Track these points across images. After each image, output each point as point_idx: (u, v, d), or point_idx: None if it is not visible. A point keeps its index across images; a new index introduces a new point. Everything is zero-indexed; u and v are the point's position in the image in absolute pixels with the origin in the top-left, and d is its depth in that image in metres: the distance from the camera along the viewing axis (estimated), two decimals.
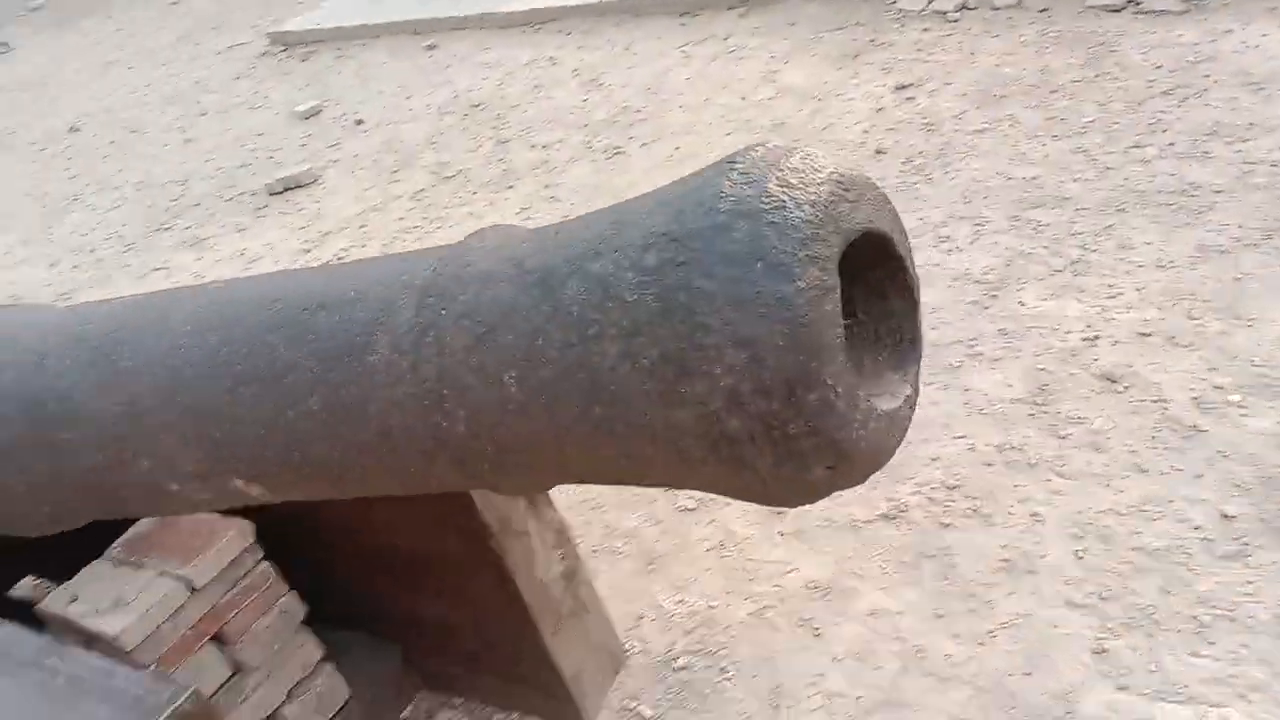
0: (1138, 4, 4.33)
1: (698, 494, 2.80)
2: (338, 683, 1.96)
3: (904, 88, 4.41)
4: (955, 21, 4.75)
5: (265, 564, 1.83)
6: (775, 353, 0.89)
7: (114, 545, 1.83)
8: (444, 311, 1.09)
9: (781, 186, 0.93)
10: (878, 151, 4.05)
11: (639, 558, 2.66)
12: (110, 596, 1.71)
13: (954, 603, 2.32)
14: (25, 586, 2.10)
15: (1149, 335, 2.82)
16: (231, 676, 1.80)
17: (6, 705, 1.36)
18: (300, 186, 5.27)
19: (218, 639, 1.78)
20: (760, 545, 2.60)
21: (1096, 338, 2.87)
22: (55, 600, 1.75)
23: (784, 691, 2.24)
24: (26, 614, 1.81)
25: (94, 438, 1.37)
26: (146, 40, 8.70)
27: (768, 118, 4.59)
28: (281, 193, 5.27)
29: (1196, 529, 2.29)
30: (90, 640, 1.71)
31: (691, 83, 5.13)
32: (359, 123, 5.81)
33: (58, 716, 1.31)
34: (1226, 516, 2.29)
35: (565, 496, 2.87)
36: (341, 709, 1.97)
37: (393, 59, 6.58)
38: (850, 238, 0.96)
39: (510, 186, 4.64)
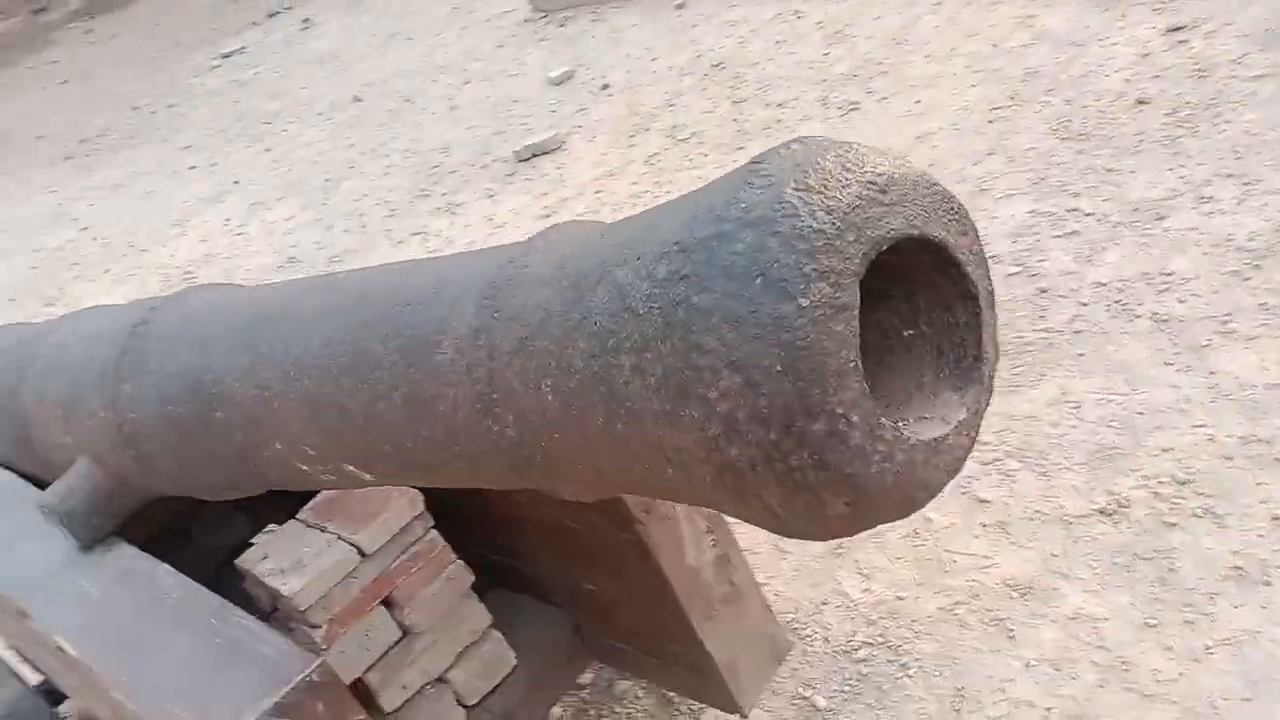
0: None
1: None
2: (504, 650, 2.03)
3: (1176, 30, 3.95)
4: None
5: (434, 532, 1.92)
6: (771, 378, 0.81)
7: (305, 508, 1.98)
8: (496, 315, 1.08)
9: (799, 191, 0.84)
10: (1139, 102, 3.67)
11: (828, 541, 2.58)
12: (292, 557, 1.85)
13: (1169, 612, 2.09)
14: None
15: None
16: (400, 639, 1.90)
17: (175, 660, 1.51)
18: (546, 153, 5.43)
19: (387, 603, 1.89)
20: (959, 536, 2.45)
21: None
22: (250, 556, 1.91)
23: (968, 695, 2.11)
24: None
25: (238, 419, 1.47)
26: (426, 12, 9.20)
27: (1019, 67, 4.26)
28: (529, 159, 5.45)
29: None
30: (275, 597, 1.86)
31: (940, 31, 4.83)
32: (605, 87, 5.90)
33: (209, 678, 1.43)
34: None
35: None
36: (509, 675, 2.04)
37: (644, 20, 6.62)
38: (880, 246, 0.86)
39: (740, 148, 4.56)
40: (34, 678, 2.53)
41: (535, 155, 5.44)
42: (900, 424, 0.88)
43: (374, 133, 6.87)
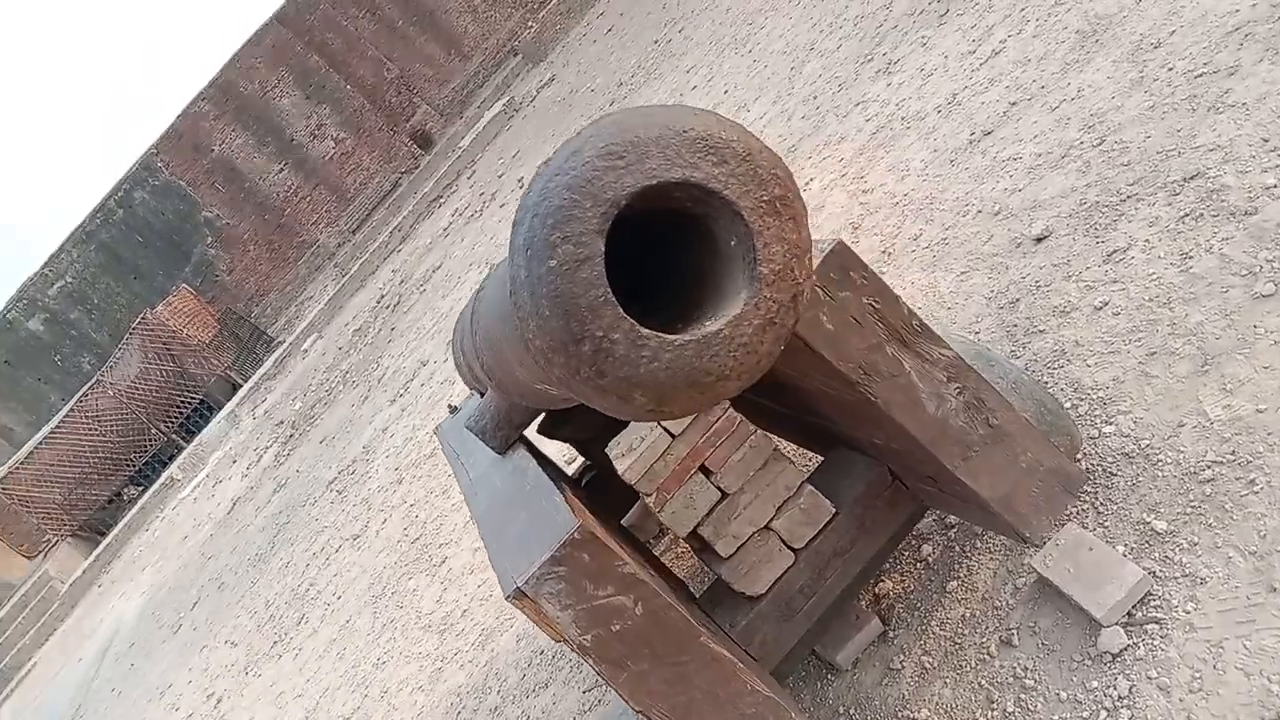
0: None
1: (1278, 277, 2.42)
2: (820, 500, 2.30)
3: None
4: None
5: (730, 411, 2.25)
6: (546, 320, 1.10)
7: None
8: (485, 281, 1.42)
9: (555, 176, 1.10)
10: None
11: (1195, 358, 2.42)
12: (630, 443, 2.31)
13: None
14: None
15: None
16: (721, 499, 2.28)
17: (514, 531, 2.05)
18: None
19: (705, 471, 2.27)
20: None
21: None
22: (612, 443, 2.41)
23: None
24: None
25: (506, 361, 1.96)
26: None
27: None
28: None
29: None
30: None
31: None
32: None
33: (526, 541, 1.95)
34: None
35: (1130, 299, 2.71)
36: (831, 521, 2.31)
37: None
38: (620, 202, 1.08)
39: None
40: None
41: None
42: (677, 330, 1.10)
43: (832, 4, 7.02)
